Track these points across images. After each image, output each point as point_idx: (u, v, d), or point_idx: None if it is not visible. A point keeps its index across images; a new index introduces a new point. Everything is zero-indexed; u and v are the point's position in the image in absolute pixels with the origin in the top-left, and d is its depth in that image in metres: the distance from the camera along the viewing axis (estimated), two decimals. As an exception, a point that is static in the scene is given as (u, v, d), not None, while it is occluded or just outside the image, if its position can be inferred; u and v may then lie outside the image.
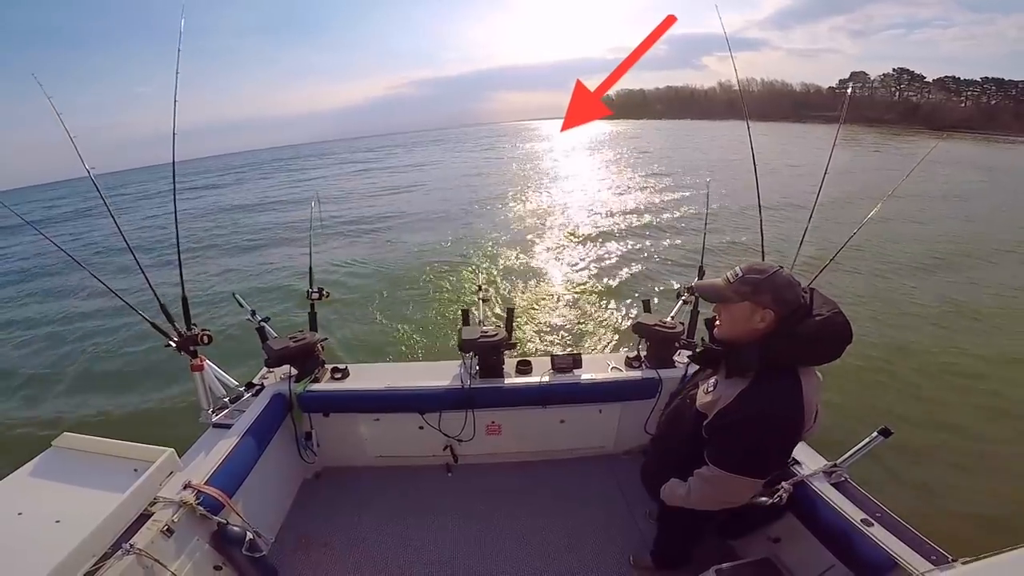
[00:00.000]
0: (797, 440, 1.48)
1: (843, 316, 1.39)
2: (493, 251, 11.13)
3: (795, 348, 1.40)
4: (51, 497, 1.63)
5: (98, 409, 5.51)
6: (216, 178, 42.29)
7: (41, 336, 7.78)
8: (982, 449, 4.48)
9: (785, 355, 1.42)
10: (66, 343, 7.38)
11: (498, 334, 2.72)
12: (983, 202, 15.85)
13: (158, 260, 9.03)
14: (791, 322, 1.40)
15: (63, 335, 7.72)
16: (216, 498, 1.90)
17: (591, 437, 3.02)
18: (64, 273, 11.07)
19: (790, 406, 1.41)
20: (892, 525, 1.72)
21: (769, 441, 1.46)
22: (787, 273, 1.44)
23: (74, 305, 9.10)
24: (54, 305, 9.30)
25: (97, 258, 11.99)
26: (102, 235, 16.74)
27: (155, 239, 13.60)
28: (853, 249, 2.51)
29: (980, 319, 7.18)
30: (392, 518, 2.67)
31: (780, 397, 1.42)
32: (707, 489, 1.59)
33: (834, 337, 1.38)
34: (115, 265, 9.70)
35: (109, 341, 7.21)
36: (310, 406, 2.70)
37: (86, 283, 9.44)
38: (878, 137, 44.07)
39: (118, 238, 2.47)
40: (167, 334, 2.40)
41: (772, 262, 1.52)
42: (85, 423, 5.10)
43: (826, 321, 1.38)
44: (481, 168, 31.93)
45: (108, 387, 5.96)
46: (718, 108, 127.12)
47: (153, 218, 20.00)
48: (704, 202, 3.35)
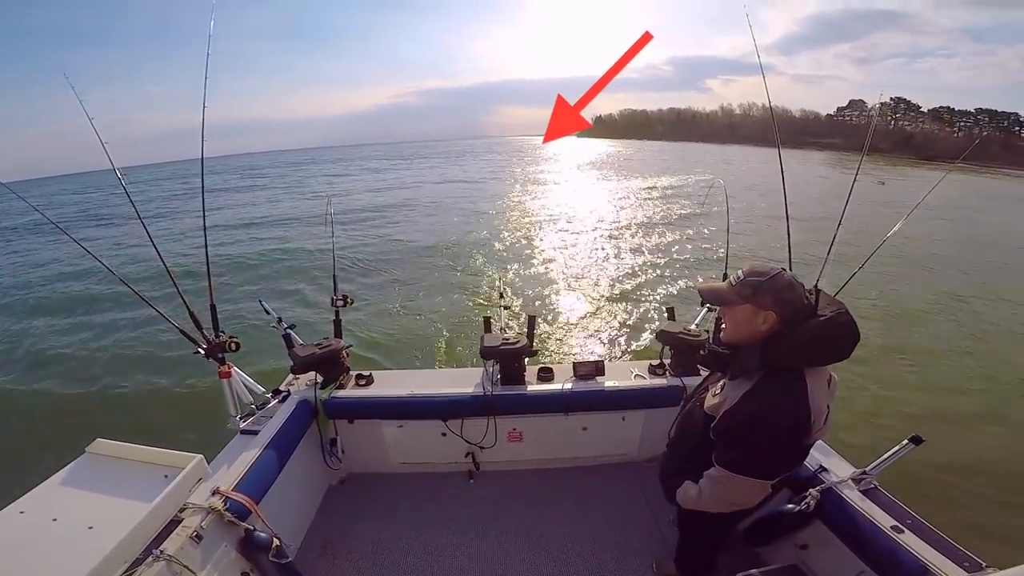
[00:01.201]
0: (803, 441, 1.44)
1: (847, 316, 1.37)
2: (515, 259, 11.16)
3: (796, 349, 1.39)
4: (84, 503, 1.66)
5: (129, 415, 5.65)
6: (228, 179, 43.16)
7: (72, 342, 7.99)
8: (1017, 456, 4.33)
9: (785, 356, 1.40)
10: (97, 348, 7.58)
11: (520, 341, 2.71)
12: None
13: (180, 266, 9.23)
14: (794, 323, 1.39)
15: (93, 340, 7.93)
16: (243, 504, 1.92)
17: (614, 444, 2.99)
18: (88, 277, 11.26)
19: (791, 406, 1.39)
20: (923, 532, 1.68)
21: (769, 441, 1.44)
22: (789, 275, 1.42)
23: (102, 310, 9.31)
24: (83, 311, 9.51)
25: (121, 262, 12.18)
26: (116, 238, 16.85)
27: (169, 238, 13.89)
28: (875, 262, 2.47)
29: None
30: (415, 524, 2.67)
31: (781, 397, 1.40)
32: (716, 490, 1.57)
33: (837, 337, 1.36)
34: (140, 269, 9.92)
35: (139, 347, 7.40)
36: (335, 413, 2.73)
37: (114, 288, 9.63)
38: (873, 167, 43.51)
39: (135, 240, 2.51)
40: (196, 341, 2.44)
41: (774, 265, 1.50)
42: (117, 428, 5.23)
43: (828, 321, 1.36)
44: (498, 179, 32.08)
45: (139, 392, 6.10)
46: (720, 132, 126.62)
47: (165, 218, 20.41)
48: (725, 211, 3.29)
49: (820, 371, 1.43)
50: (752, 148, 62.92)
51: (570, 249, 11.98)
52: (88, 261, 10.04)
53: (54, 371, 6.88)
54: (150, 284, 3.84)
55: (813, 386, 1.39)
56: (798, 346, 1.38)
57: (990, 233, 15.75)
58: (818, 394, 1.39)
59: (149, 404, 5.82)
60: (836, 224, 2.46)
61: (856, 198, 2.52)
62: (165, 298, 2.59)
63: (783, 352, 1.40)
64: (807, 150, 76.16)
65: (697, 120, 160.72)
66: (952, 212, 18.48)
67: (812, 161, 49.31)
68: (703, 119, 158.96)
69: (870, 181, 30.00)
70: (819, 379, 1.42)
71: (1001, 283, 10.20)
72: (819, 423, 1.41)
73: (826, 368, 1.45)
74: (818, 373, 1.42)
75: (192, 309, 2.48)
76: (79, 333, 8.34)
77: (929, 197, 2.61)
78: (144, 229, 2.56)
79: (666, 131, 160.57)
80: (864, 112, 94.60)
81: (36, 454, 4.74)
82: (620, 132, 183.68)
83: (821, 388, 1.41)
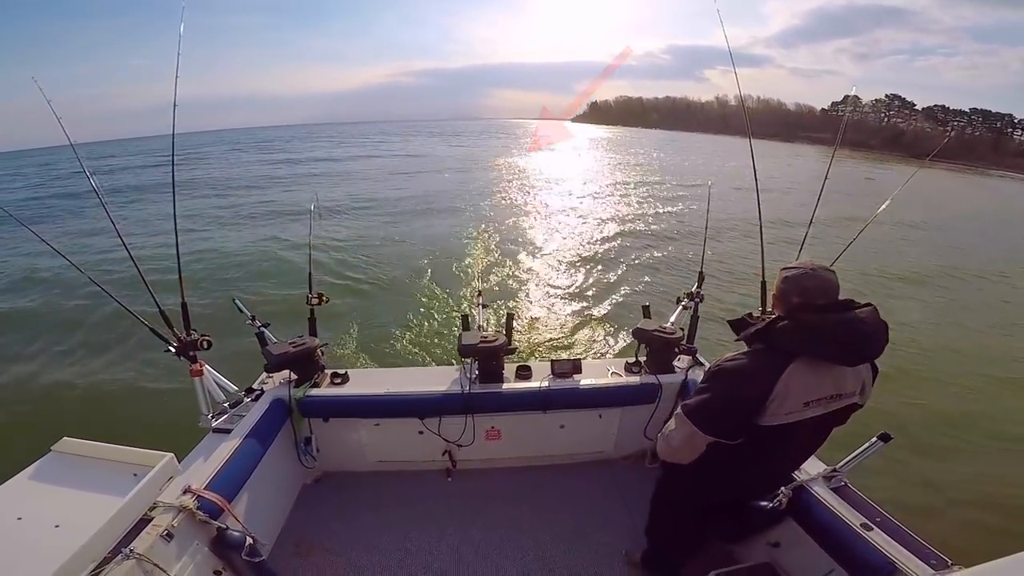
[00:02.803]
0: (751, 411, 1.52)
1: (857, 322, 1.44)
2: (493, 256, 11.14)
3: (788, 331, 1.48)
4: (51, 502, 1.62)
5: (97, 414, 5.49)
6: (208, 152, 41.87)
7: (34, 338, 7.72)
8: (983, 455, 4.49)
9: (777, 335, 1.50)
10: (63, 346, 7.34)
11: (498, 339, 2.73)
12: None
13: (150, 255, 8.97)
14: (803, 313, 1.48)
15: (57, 337, 7.66)
16: (215, 503, 1.90)
17: (591, 442, 3.02)
18: (51, 271, 10.82)
19: (757, 375, 1.50)
20: (892, 530, 1.73)
21: (719, 395, 1.57)
22: (813, 273, 1.52)
23: (67, 306, 9.00)
24: (45, 306, 9.16)
25: (91, 257, 11.69)
26: (88, 229, 15.99)
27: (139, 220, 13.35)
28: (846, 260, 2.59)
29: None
30: (392, 523, 2.66)
31: (753, 365, 1.53)
32: (667, 432, 1.74)
33: (834, 335, 1.43)
34: (109, 263, 9.60)
35: (106, 344, 7.18)
36: (310, 411, 2.70)
37: (81, 283, 9.27)
38: (861, 162, 44.81)
39: (105, 232, 2.45)
40: (166, 339, 2.40)
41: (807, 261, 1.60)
42: (84, 428, 5.08)
43: (831, 318, 1.44)
44: (481, 166, 31.97)
45: (107, 392, 5.93)
46: (714, 122, 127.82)
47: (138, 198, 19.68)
48: (704, 209, 3.36)
49: (820, 367, 1.48)
50: (744, 140, 63.82)
51: (548, 247, 11.99)
52: (48, 254, 9.70)
53: (15, 368, 6.64)
54: (118, 279, 3.74)
55: (797, 374, 1.46)
56: (790, 329, 1.47)
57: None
58: (797, 383, 1.46)
59: (118, 403, 5.65)
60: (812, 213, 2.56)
61: (850, 192, 2.67)
62: (134, 292, 2.54)
63: (777, 332, 1.49)
64: (798, 144, 77.03)
65: (692, 110, 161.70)
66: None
67: (804, 156, 50.03)
68: (698, 109, 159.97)
69: (857, 177, 30.90)
70: (813, 373, 1.48)
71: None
72: (780, 408, 1.48)
73: (840, 373, 1.51)
74: (815, 367, 1.48)
75: (162, 306, 2.43)
76: (42, 329, 8.07)
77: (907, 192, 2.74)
78: (111, 221, 2.48)
79: (660, 119, 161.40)
80: (856, 107, 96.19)
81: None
82: (614, 119, 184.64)
83: (807, 381, 1.48)
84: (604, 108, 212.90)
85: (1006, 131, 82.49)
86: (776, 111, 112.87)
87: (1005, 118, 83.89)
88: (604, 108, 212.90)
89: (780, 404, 1.48)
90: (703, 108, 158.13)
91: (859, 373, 1.56)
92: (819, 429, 1.67)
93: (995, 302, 9.65)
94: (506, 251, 11.52)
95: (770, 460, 1.75)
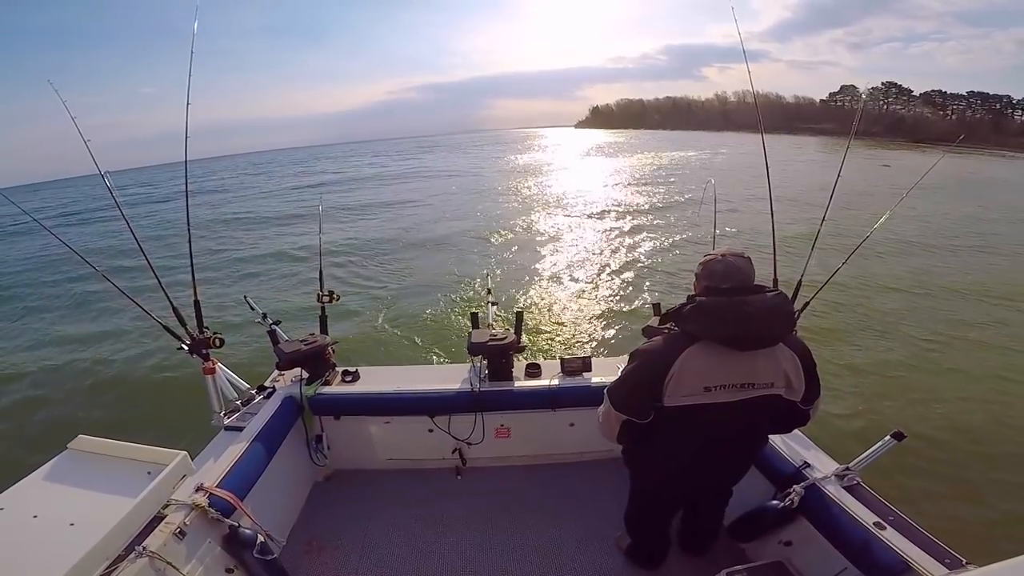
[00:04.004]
0: (650, 388, 1.57)
1: (740, 303, 1.47)
2: (503, 254, 11.14)
3: (680, 312, 1.57)
4: (66, 500, 1.64)
5: (112, 411, 5.58)
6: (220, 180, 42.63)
7: (53, 338, 7.88)
8: (998, 453, 4.41)
9: (674, 316, 1.61)
10: (80, 345, 7.47)
11: (507, 337, 2.72)
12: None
13: (167, 263, 9.11)
14: (703, 296, 1.55)
15: (75, 336, 7.82)
16: (228, 501, 1.91)
17: (601, 441, 2.97)
18: (73, 276, 11.07)
19: (655, 355, 1.59)
20: (905, 528, 1.71)
21: (628, 374, 1.68)
22: (721, 260, 1.56)
23: (85, 306, 9.19)
24: (66, 308, 9.39)
25: (107, 261, 11.98)
26: (106, 237, 16.58)
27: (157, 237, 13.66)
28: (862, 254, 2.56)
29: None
30: (402, 521, 2.67)
31: (655, 346, 1.63)
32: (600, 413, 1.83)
33: (716, 315, 1.47)
34: (126, 267, 9.77)
35: (122, 343, 7.30)
36: (321, 409, 2.72)
37: (99, 286, 9.48)
38: (870, 151, 44.10)
39: (124, 241, 2.51)
40: (180, 337, 2.42)
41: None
42: (100, 425, 5.17)
43: (718, 301, 1.49)
44: (487, 172, 32.01)
45: (122, 389, 6.03)
46: (715, 120, 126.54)
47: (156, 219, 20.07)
48: (712, 205, 3.32)
49: (719, 351, 1.50)
50: (747, 135, 63.39)
51: (558, 245, 11.99)
52: (69, 260, 9.87)
53: (35, 367, 6.77)
54: (133, 279, 3.78)
55: (692, 356, 1.51)
56: (690, 312, 1.53)
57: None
58: (693, 364, 1.51)
59: (132, 401, 5.76)
60: (825, 209, 2.53)
61: (868, 181, 2.62)
62: (149, 293, 2.57)
63: (683, 315, 1.56)
64: (801, 135, 76.11)
65: (693, 108, 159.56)
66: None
67: (807, 147, 49.41)
68: (698, 107, 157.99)
69: (873, 165, 30.42)
70: (711, 357, 1.51)
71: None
72: (677, 390, 1.53)
73: (749, 361, 1.51)
74: (713, 351, 1.50)
75: (176, 305, 2.46)
76: (61, 329, 8.22)
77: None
78: (127, 225, 2.54)
79: (662, 120, 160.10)
80: (854, 97, 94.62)
81: (16, 451, 4.67)
82: (617, 122, 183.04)
83: (705, 364, 1.51)
84: (606, 112, 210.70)
85: (1006, 111, 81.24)
86: (776, 105, 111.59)
87: (1004, 99, 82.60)
88: (606, 112, 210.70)
89: (676, 385, 1.53)
90: (703, 106, 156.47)
91: (776, 363, 1.53)
92: (744, 420, 1.64)
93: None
94: (516, 249, 11.53)
95: (690, 447, 1.75)
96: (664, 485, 2.02)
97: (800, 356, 1.56)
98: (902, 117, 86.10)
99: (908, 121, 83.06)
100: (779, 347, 1.52)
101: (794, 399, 1.60)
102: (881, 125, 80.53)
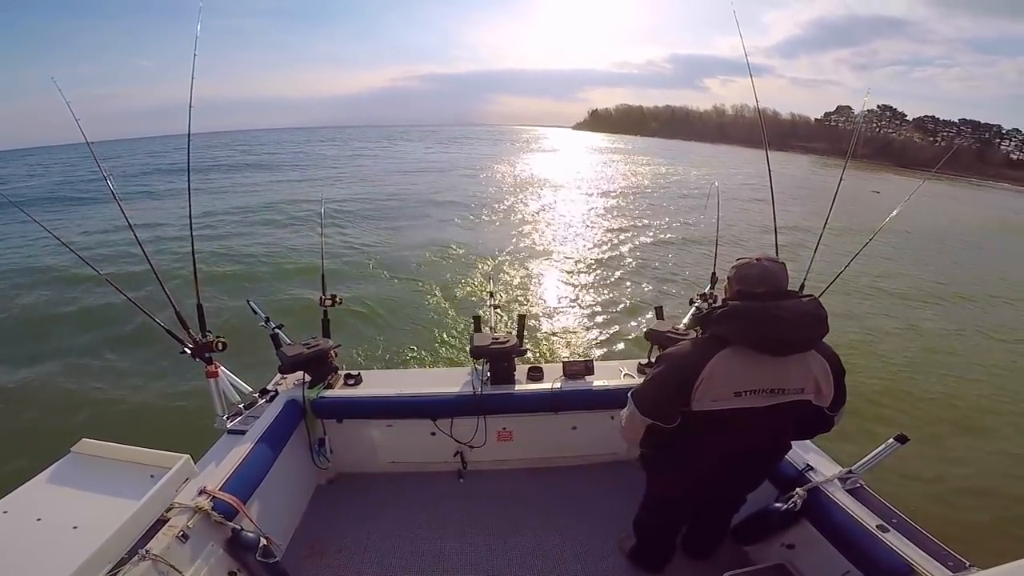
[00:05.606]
0: (679, 385, 1.56)
1: (773, 309, 1.45)
2: (505, 257, 11.14)
3: (711, 316, 1.55)
4: (69, 503, 1.64)
5: (115, 414, 5.57)
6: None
7: (53, 340, 7.84)
8: (999, 453, 4.41)
9: (703, 320, 1.62)
10: (82, 347, 7.46)
11: (509, 341, 2.72)
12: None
13: (165, 255, 9.05)
14: (735, 301, 1.53)
15: (76, 339, 7.79)
16: (230, 504, 1.91)
17: (603, 444, 3.00)
18: (66, 270, 10.91)
19: (685, 360, 1.57)
20: (908, 531, 1.71)
21: (657, 379, 1.65)
22: (756, 265, 1.55)
23: (85, 309, 9.13)
24: (64, 306, 9.31)
25: (107, 259, 11.74)
26: (102, 227, 16.09)
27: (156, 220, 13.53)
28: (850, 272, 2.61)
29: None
30: (404, 524, 2.67)
31: (685, 350, 1.61)
32: (623, 411, 1.81)
33: (747, 320, 1.46)
34: (127, 267, 9.72)
35: (125, 346, 7.28)
36: (323, 412, 2.72)
37: (94, 284, 9.38)
38: (851, 170, 44.06)
39: (118, 231, 2.49)
40: (182, 341, 2.42)
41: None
42: (103, 428, 5.16)
43: (749, 307, 1.48)
44: (491, 171, 32.01)
45: (124, 392, 6.02)
46: (711, 131, 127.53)
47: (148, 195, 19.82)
48: (715, 210, 3.33)
49: (750, 356, 1.48)
50: (740, 148, 63.64)
51: (560, 248, 11.99)
52: (62, 252, 9.82)
53: (36, 371, 6.77)
54: (135, 281, 3.78)
55: (723, 360, 1.49)
56: (722, 316, 1.52)
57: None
58: (723, 369, 1.50)
59: (135, 404, 5.74)
60: (823, 225, 2.53)
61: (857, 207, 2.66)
62: (151, 296, 2.57)
63: (714, 319, 1.54)
64: (791, 153, 76.82)
65: (690, 119, 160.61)
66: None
67: (794, 164, 49.82)
68: (696, 118, 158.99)
69: (863, 189, 30.44)
70: (742, 361, 1.49)
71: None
72: (706, 394, 1.51)
73: (780, 367, 1.49)
74: (744, 356, 1.48)
75: (178, 308, 2.46)
76: (61, 330, 8.20)
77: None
78: (129, 226, 2.53)
79: (659, 128, 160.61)
80: (848, 118, 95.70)
81: (19, 454, 4.66)
82: (615, 127, 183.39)
83: (735, 369, 1.50)
84: (604, 116, 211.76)
85: (993, 141, 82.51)
86: (771, 120, 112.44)
87: (993, 128, 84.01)
88: (604, 116, 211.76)
89: (706, 390, 1.51)
90: (701, 117, 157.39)
91: (807, 369, 1.52)
92: (771, 426, 1.63)
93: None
94: (518, 253, 11.52)
95: (714, 453, 1.73)
96: (683, 496, 2.00)
97: (830, 362, 1.55)
98: (891, 141, 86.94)
99: (896, 145, 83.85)
100: (811, 353, 1.52)
101: (822, 405, 1.59)
102: (870, 148, 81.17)
